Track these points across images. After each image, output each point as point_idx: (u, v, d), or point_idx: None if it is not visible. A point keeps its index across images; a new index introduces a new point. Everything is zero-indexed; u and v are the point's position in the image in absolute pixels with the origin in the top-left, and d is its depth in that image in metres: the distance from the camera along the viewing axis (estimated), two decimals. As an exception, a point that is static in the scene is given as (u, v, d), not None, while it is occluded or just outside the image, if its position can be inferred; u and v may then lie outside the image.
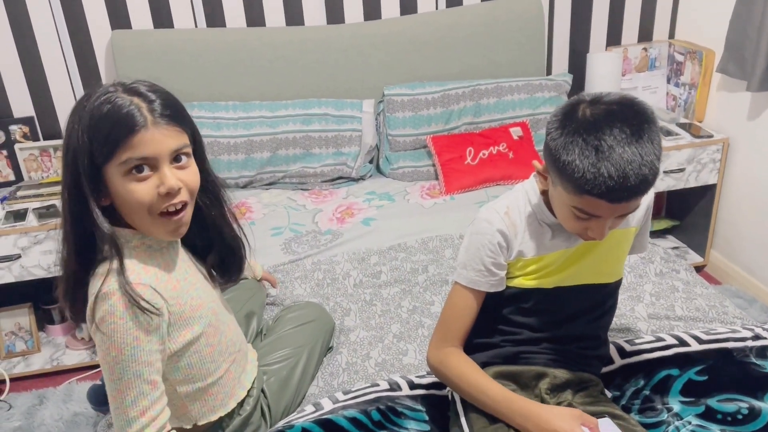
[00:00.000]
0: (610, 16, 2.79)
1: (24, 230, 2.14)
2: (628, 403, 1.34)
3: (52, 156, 2.47)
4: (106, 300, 1.06)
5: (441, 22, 2.57)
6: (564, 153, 1.06)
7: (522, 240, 1.22)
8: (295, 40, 2.48)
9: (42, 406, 2.18)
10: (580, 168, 1.04)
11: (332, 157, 2.47)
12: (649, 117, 1.07)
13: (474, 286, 1.24)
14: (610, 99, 1.08)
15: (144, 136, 1.06)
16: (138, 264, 1.12)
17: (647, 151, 1.03)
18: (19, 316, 2.42)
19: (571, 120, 1.07)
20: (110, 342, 1.06)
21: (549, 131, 1.11)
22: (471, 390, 1.22)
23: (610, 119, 1.04)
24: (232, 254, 1.32)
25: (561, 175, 1.08)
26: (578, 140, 1.04)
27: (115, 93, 1.08)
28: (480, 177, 2.42)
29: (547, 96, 2.58)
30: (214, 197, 1.25)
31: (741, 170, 2.56)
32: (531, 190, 1.24)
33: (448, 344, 1.27)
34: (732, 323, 1.60)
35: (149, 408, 1.09)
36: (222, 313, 1.30)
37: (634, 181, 1.03)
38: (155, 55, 2.39)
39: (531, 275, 1.24)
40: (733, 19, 2.40)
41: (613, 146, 1.02)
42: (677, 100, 2.81)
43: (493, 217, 1.22)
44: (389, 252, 2.03)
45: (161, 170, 1.08)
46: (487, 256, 1.21)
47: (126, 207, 1.10)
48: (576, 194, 1.07)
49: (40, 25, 2.38)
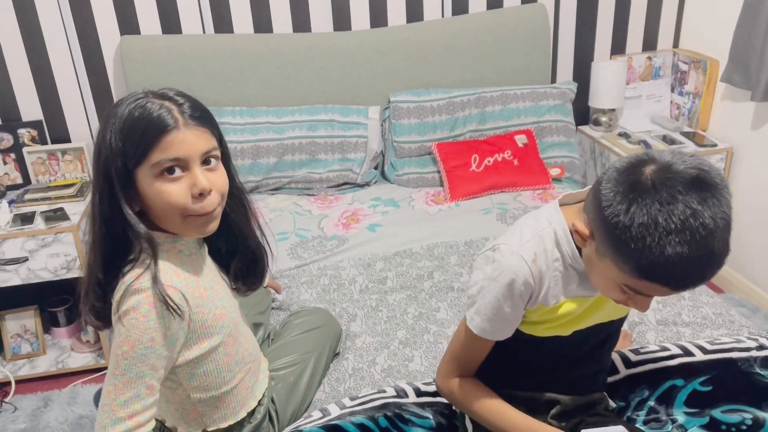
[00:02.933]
0: (615, 25, 2.81)
1: (31, 233, 2.15)
2: (633, 414, 1.34)
3: (60, 159, 2.48)
4: (135, 295, 1.07)
5: (447, 29, 2.58)
6: (631, 233, 0.91)
7: (547, 289, 1.11)
8: (302, 47, 2.50)
9: (47, 408, 2.19)
10: (652, 257, 0.90)
11: (338, 163, 2.48)
12: (728, 191, 0.92)
13: (485, 336, 1.15)
14: (686, 174, 0.91)
15: (176, 136, 1.07)
16: (171, 267, 1.14)
17: (727, 239, 0.91)
18: (25, 319, 2.43)
19: (639, 192, 0.91)
20: (126, 336, 1.07)
21: (605, 195, 0.95)
22: (488, 416, 1.18)
23: (691, 200, 0.89)
24: (255, 261, 1.33)
25: (620, 254, 0.94)
26: (651, 224, 0.89)
27: (145, 98, 1.10)
28: (485, 184, 2.43)
29: (552, 104, 2.59)
30: (240, 203, 1.26)
31: (745, 179, 2.57)
32: (560, 231, 1.10)
33: (459, 375, 1.23)
34: (739, 331, 1.61)
35: (139, 413, 1.08)
36: (241, 323, 1.31)
37: (710, 276, 0.93)
38: (163, 60, 2.41)
39: (549, 323, 1.16)
40: (738, 29, 2.41)
41: (697, 238, 0.89)
42: (681, 109, 2.82)
43: (519, 267, 1.08)
44: (395, 258, 2.04)
45: (192, 171, 1.10)
46: (507, 307, 1.11)
47: (158, 209, 1.11)
48: (634, 277, 0.95)
49: (50, 30, 2.40)
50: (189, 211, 1.11)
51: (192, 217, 1.12)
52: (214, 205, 1.13)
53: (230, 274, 1.32)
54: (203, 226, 1.14)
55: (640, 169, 0.93)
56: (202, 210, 1.11)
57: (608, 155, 2.67)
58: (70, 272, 2.23)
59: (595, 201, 0.97)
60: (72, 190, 2.37)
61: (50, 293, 2.50)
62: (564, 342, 1.17)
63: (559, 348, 1.19)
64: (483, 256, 1.15)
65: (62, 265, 2.20)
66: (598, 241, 0.98)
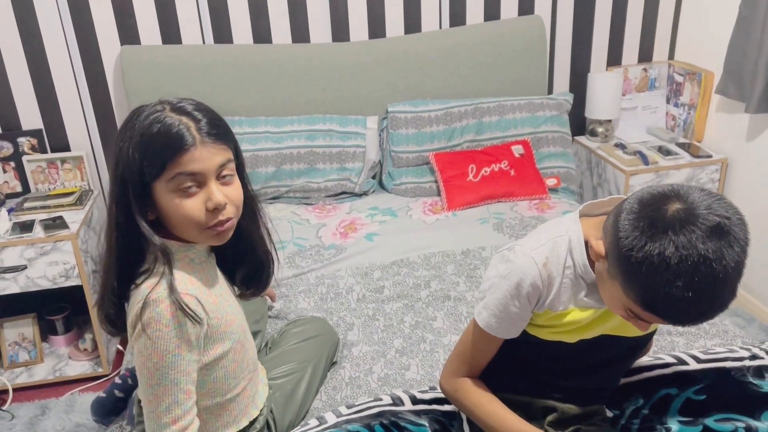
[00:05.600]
0: (611, 36, 2.84)
1: (30, 241, 2.16)
2: (628, 423, 1.35)
3: (59, 168, 2.50)
4: (155, 306, 1.09)
5: (444, 41, 2.61)
6: (641, 268, 0.92)
7: (555, 294, 1.13)
8: (301, 57, 2.52)
9: (44, 416, 2.19)
10: (658, 295, 0.92)
11: (336, 173, 2.50)
12: (746, 237, 0.93)
13: (491, 331, 1.17)
14: (708, 221, 0.90)
15: (193, 154, 1.09)
16: (185, 275, 1.16)
17: (735, 287, 0.93)
18: (23, 327, 2.44)
19: (658, 231, 0.91)
20: (153, 348, 1.09)
21: (623, 226, 0.95)
22: (487, 419, 1.19)
23: (707, 250, 0.89)
24: (261, 269, 1.34)
25: (627, 283, 0.96)
26: (663, 265, 0.90)
27: (163, 112, 1.11)
28: (482, 194, 2.44)
29: (548, 115, 2.62)
30: (251, 211, 1.28)
31: (739, 190, 2.59)
32: (575, 240, 1.11)
33: (463, 375, 1.24)
34: (732, 341, 1.62)
35: (181, 417, 1.12)
36: (246, 330, 1.33)
37: (711, 318, 0.95)
38: (163, 69, 2.43)
39: (554, 328, 1.17)
40: (732, 42, 2.44)
41: (703, 286, 0.90)
42: (676, 120, 2.85)
43: (529, 268, 1.10)
44: (392, 267, 2.05)
45: (208, 186, 1.12)
46: (514, 306, 1.13)
47: (173, 220, 1.13)
48: (638, 305, 0.97)
49: (51, 39, 2.42)
50: (204, 224, 1.13)
51: (207, 229, 1.14)
52: (229, 218, 1.15)
53: (236, 281, 1.34)
54: (218, 236, 1.16)
55: (663, 206, 0.93)
56: (217, 223, 1.14)
57: (604, 166, 2.69)
58: (68, 281, 2.23)
59: (614, 228, 0.98)
60: (71, 199, 2.38)
61: (48, 301, 2.51)
62: (568, 349, 1.19)
63: (563, 354, 1.20)
64: (499, 255, 1.18)
65: (61, 273, 2.21)
66: (611, 264, 1.00)
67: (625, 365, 1.31)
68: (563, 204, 2.44)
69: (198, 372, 1.18)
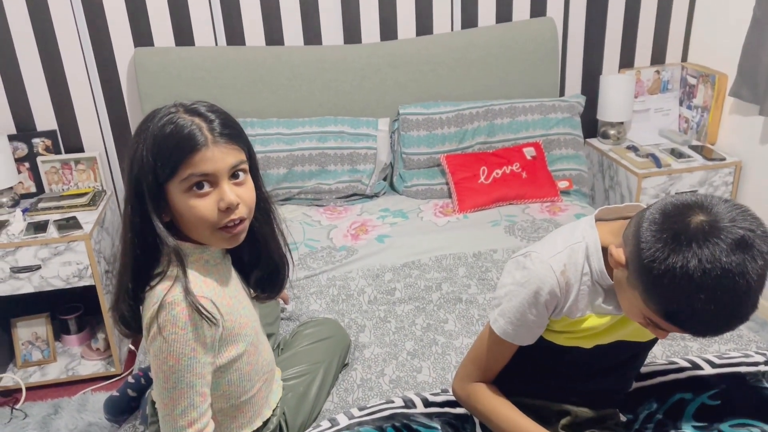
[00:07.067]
0: (624, 38, 2.83)
1: (44, 242, 2.18)
2: (642, 427, 1.35)
3: (73, 169, 2.52)
4: (171, 309, 1.09)
5: (456, 42, 2.61)
6: (664, 280, 0.92)
7: (573, 301, 1.12)
8: (313, 59, 2.53)
9: (57, 415, 2.20)
10: (679, 307, 0.92)
11: (347, 174, 2.50)
12: None
13: (507, 338, 1.17)
14: (732, 234, 0.89)
15: (205, 154, 1.10)
16: (199, 277, 1.16)
17: (756, 300, 0.92)
18: (37, 326, 2.46)
19: (681, 243, 0.90)
20: (169, 351, 1.09)
21: (645, 237, 0.94)
22: (501, 423, 1.19)
23: (730, 264, 0.89)
24: (276, 271, 1.35)
25: (649, 294, 0.95)
26: (686, 278, 0.90)
27: (176, 114, 1.12)
28: (493, 196, 2.44)
29: (560, 117, 2.61)
30: (266, 213, 1.28)
31: (753, 193, 2.57)
32: (593, 247, 1.11)
33: (477, 380, 1.24)
34: (747, 346, 1.61)
35: (197, 420, 1.13)
36: (260, 333, 1.33)
37: (733, 329, 0.95)
38: (176, 71, 2.44)
39: (571, 334, 1.17)
40: (746, 44, 2.43)
41: (726, 300, 0.90)
42: (689, 123, 2.83)
43: (547, 276, 1.10)
44: (403, 269, 2.05)
45: (221, 186, 1.12)
46: (531, 314, 1.13)
47: (187, 221, 1.14)
48: (659, 315, 0.96)
49: (65, 41, 2.44)
50: (217, 224, 1.13)
51: (220, 230, 1.15)
52: (241, 218, 1.15)
53: (251, 283, 1.34)
54: (231, 238, 1.17)
55: (687, 218, 0.92)
56: (231, 223, 1.14)
57: (616, 168, 2.68)
58: (81, 280, 2.25)
59: (635, 238, 0.97)
60: (85, 200, 2.40)
61: (62, 301, 2.53)
62: (584, 354, 1.18)
63: (579, 359, 1.19)
64: (514, 261, 1.17)
65: (74, 273, 2.23)
66: (631, 273, 0.98)
67: (638, 365, 1.31)
68: (575, 206, 2.43)
69: (212, 375, 1.19)
